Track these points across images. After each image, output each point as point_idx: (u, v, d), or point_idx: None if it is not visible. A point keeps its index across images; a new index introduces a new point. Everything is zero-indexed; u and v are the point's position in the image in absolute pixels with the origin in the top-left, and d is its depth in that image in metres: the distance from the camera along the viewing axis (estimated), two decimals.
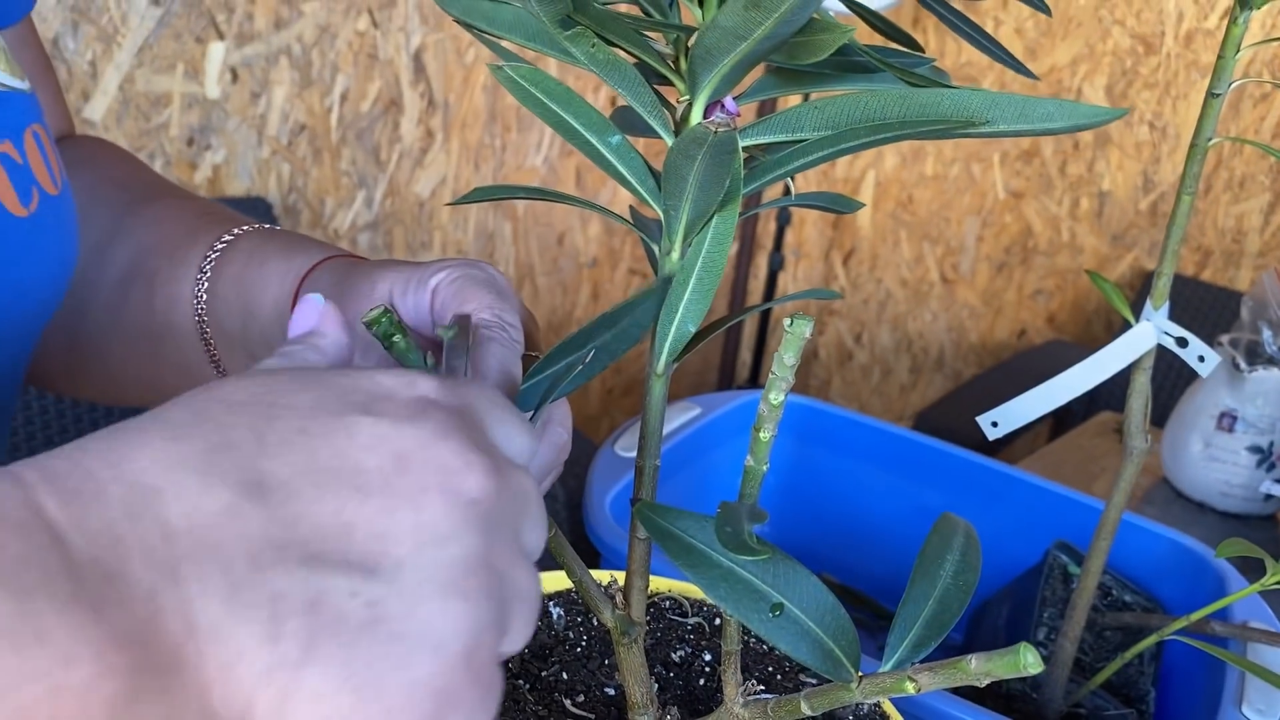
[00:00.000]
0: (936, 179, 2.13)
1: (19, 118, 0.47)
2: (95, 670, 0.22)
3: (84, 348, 0.56)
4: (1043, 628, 0.76)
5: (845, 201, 0.46)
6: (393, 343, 0.36)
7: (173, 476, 0.25)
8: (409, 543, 0.26)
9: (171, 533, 0.24)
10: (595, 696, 0.47)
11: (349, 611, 0.25)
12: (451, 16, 0.40)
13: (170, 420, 0.26)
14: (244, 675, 0.24)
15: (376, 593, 0.25)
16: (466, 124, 1.74)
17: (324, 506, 0.26)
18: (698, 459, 0.85)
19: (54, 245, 0.48)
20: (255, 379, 0.28)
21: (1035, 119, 0.36)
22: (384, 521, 0.26)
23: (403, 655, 0.25)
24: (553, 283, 1.98)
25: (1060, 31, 1.96)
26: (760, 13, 0.32)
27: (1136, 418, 0.57)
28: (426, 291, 0.43)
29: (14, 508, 0.23)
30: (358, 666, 0.25)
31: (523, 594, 0.28)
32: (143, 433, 0.26)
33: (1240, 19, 0.47)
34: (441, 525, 0.27)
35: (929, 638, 0.33)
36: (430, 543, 0.26)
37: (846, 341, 2.32)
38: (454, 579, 0.26)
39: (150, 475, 0.25)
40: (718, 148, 0.34)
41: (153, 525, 0.24)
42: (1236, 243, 1.94)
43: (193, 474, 0.25)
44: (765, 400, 0.34)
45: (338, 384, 0.28)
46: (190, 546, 0.24)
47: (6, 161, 0.46)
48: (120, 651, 0.23)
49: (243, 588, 0.24)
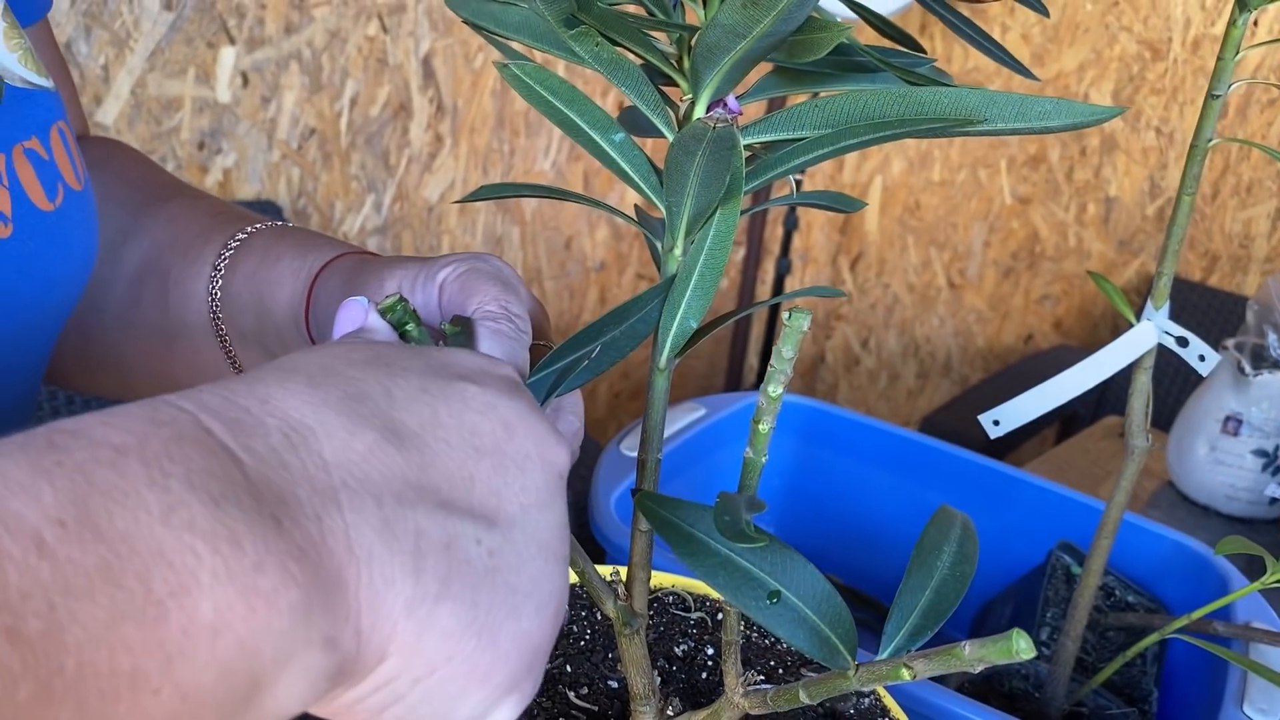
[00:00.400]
0: (943, 184, 2.13)
1: (45, 115, 0.48)
2: (280, 578, 0.23)
3: (98, 344, 0.57)
4: (1045, 627, 0.76)
5: (848, 200, 0.46)
6: (406, 331, 0.37)
7: (321, 416, 0.27)
8: (518, 502, 0.29)
9: (328, 464, 0.26)
10: (598, 689, 0.47)
11: (475, 557, 0.27)
12: (460, 18, 0.41)
13: (302, 370, 0.28)
14: (392, 603, 0.26)
15: (495, 542, 0.28)
16: (475, 129, 1.75)
17: (450, 458, 0.28)
18: (702, 459, 0.85)
19: (78, 239, 0.49)
20: (361, 344, 0.30)
21: (1033, 117, 0.37)
22: (498, 480, 0.29)
23: (515, 606, 0.28)
24: (560, 286, 1.99)
25: (1067, 37, 1.96)
26: (759, 10, 0.33)
27: (1138, 417, 0.58)
28: (435, 286, 0.43)
29: (189, 427, 0.24)
30: (480, 611, 0.27)
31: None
32: (284, 378, 0.28)
33: (1239, 21, 0.48)
34: (542, 491, 0.30)
35: (925, 627, 0.34)
36: (534, 505, 0.29)
37: (854, 346, 2.32)
38: (552, 542, 0.29)
39: (301, 413, 0.26)
40: (717, 143, 0.34)
41: (312, 455, 0.26)
42: (1244, 248, 1.94)
43: (339, 415, 0.27)
44: (764, 393, 0.35)
45: (435, 357, 0.30)
46: (346, 478, 0.26)
47: (34, 157, 0.47)
48: (299, 563, 0.24)
49: (393, 521, 0.26)
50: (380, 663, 0.26)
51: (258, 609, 0.23)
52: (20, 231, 0.45)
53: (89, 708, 0.20)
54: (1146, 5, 1.90)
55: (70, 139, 0.50)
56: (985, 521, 0.87)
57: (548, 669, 0.48)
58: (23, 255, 0.46)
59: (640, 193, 0.39)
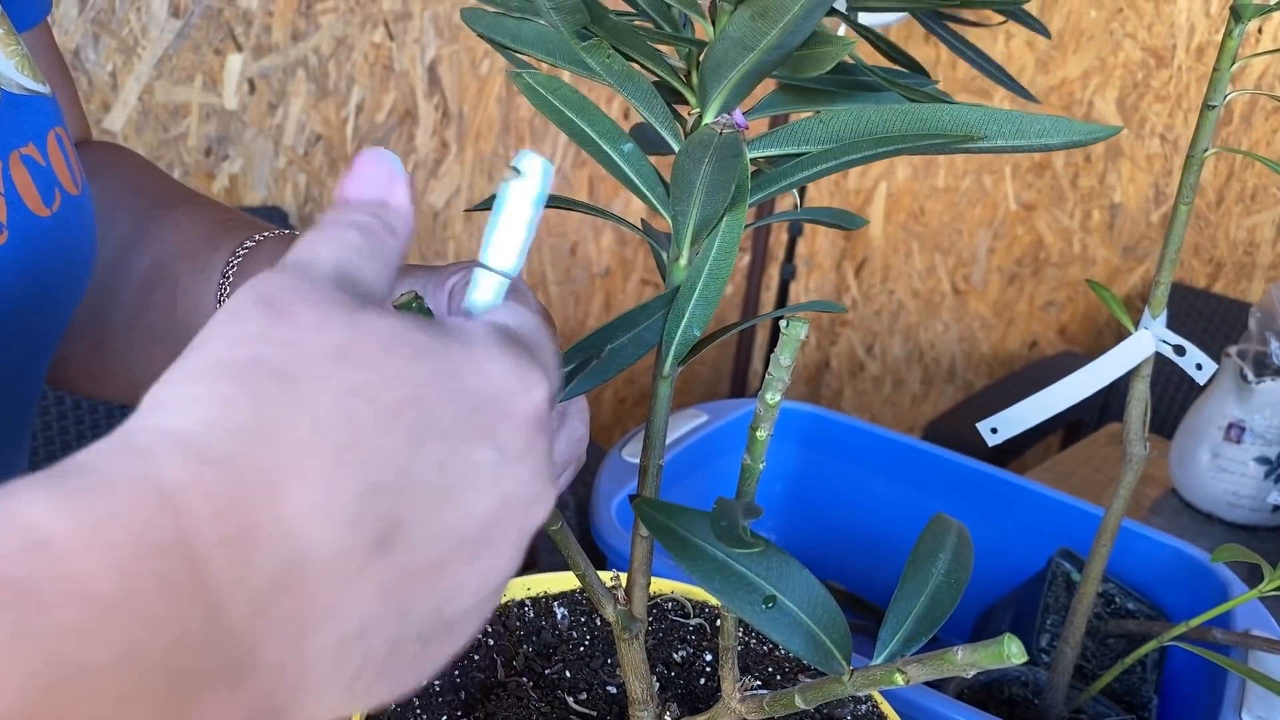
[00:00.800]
0: (948, 191, 2.14)
1: (42, 120, 0.49)
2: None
3: (105, 351, 0.57)
4: (1045, 634, 0.76)
5: (850, 218, 0.47)
6: None
7: (321, 535, 0.25)
8: (473, 590, 0.28)
9: (308, 600, 0.25)
10: (598, 694, 0.48)
11: (408, 653, 0.27)
12: (476, 33, 0.42)
13: (323, 433, 0.25)
14: (315, 712, 0.26)
15: (435, 633, 0.28)
16: (480, 135, 1.76)
17: (429, 559, 0.27)
18: (705, 465, 0.86)
19: (76, 244, 0.49)
20: (403, 368, 0.27)
21: (1031, 135, 0.37)
22: (465, 570, 0.28)
23: (422, 668, 0.28)
24: (565, 292, 1.99)
25: (1072, 45, 1.97)
26: (766, 23, 0.33)
27: (1135, 425, 0.58)
28: (444, 293, 0.44)
29: (178, 561, 0.23)
30: (392, 691, 0.28)
31: None
32: (302, 456, 0.25)
33: (1235, 32, 0.48)
34: (505, 570, 0.29)
35: (920, 633, 0.34)
36: (490, 591, 0.29)
37: (858, 352, 2.33)
38: (483, 614, 0.29)
39: (305, 528, 0.24)
40: (723, 149, 0.35)
41: (296, 594, 0.24)
42: (1248, 255, 1.94)
43: (339, 529, 0.25)
44: (762, 400, 0.35)
45: (471, 391, 0.28)
46: (317, 615, 0.25)
47: (30, 163, 0.47)
48: (241, 715, 0.23)
49: (348, 653, 0.26)
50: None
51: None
52: (16, 238, 0.45)
53: None
54: (1151, 12, 1.90)
55: (68, 144, 0.50)
56: (986, 528, 0.88)
57: (548, 674, 0.49)
58: (20, 262, 0.46)
59: (647, 203, 0.40)
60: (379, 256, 0.30)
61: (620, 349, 0.38)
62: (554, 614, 0.52)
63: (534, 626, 0.51)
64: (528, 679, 0.48)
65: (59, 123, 0.50)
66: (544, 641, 0.51)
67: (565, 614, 0.52)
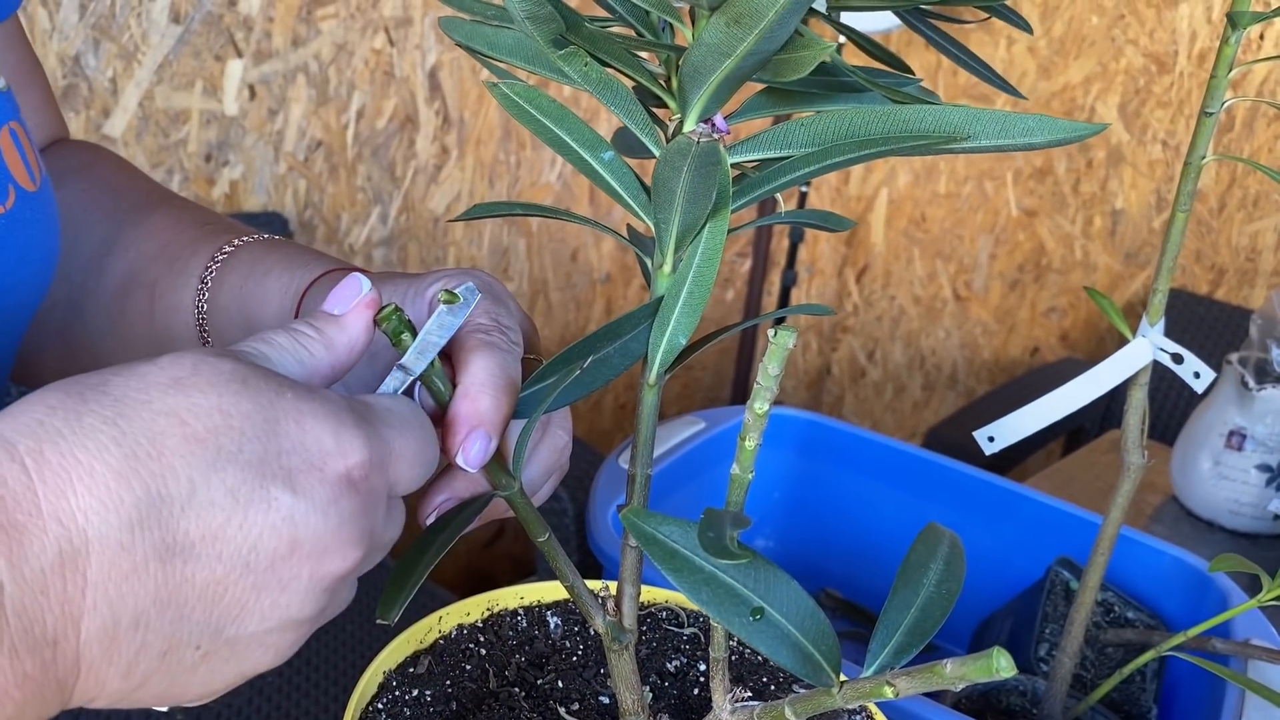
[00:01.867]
0: (949, 197, 2.13)
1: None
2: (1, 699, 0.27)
3: (81, 353, 0.57)
4: (1044, 643, 0.76)
5: (838, 220, 0.46)
6: (400, 340, 0.37)
7: (105, 529, 0.29)
8: (258, 618, 0.31)
9: (87, 585, 0.28)
10: (589, 704, 0.48)
11: (186, 658, 0.31)
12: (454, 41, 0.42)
13: (131, 435, 0.29)
14: (98, 690, 0.30)
15: (214, 646, 0.31)
16: (481, 141, 1.76)
17: (212, 572, 0.30)
18: (702, 473, 0.85)
19: (33, 242, 0.49)
20: (224, 401, 0.31)
21: (1016, 134, 0.37)
22: (250, 597, 0.31)
23: (210, 684, 0.32)
24: (566, 298, 1.99)
25: (1073, 50, 1.96)
26: (742, 29, 0.33)
27: (1133, 433, 0.58)
28: (424, 300, 0.44)
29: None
30: (173, 691, 0.31)
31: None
32: (103, 448, 0.29)
33: (1232, 39, 0.48)
34: (293, 610, 0.31)
35: (910, 644, 0.34)
36: (276, 624, 0.32)
37: (859, 358, 2.32)
38: (277, 648, 0.32)
39: (87, 521, 0.28)
40: (701, 158, 0.34)
41: (75, 578, 0.28)
42: (1250, 261, 1.93)
43: (124, 530, 0.29)
44: (750, 409, 0.35)
45: (286, 436, 0.31)
46: (98, 600, 0.29)
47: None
48: (21, 689, 0.28)
49: (122, 640, 0.29)
50: None
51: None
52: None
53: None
54: (1153, 19, 1.90)
55: (25, 139, 0.50)
56: (985, 536, 0.87)
57: (540, 684, 0.48)
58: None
59: (629, 210, 0.40)
60: (297, 357, 0.35)
61: (606, 359, 0.38)
62: (547, 624, 0.52)
63: (527, 636, 0.51)
64: (520, 689, 0.48)
65: (14, 117, 0.49)
66: (537, 651, 0.50)
67: (558, 624, 0.52)
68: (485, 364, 0.39)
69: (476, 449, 0.38)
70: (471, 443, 0.38)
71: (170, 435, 0.30)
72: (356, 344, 0.37)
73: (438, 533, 0.37)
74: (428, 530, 0.38)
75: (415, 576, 0.35)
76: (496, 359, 0.39)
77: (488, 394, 0.38)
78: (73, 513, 0.28)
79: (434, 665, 0.48)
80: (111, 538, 0.29)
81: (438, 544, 0.36)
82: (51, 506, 0.28)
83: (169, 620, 0.30)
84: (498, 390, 0.39)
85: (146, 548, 0.29)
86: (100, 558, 0.28)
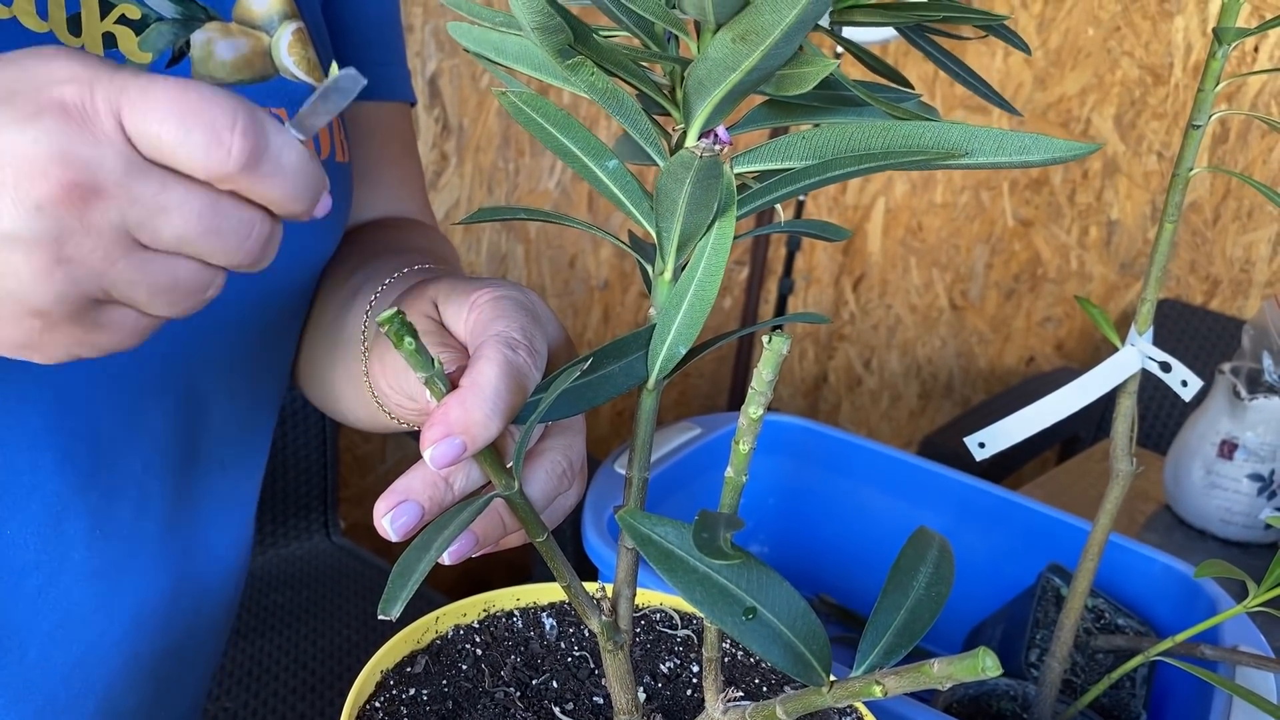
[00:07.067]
0: (946, 206, 2.14)
1: (299, 97, 0.56)
2: None
3: (306, 357, 0.64)
4: (1035, 649, 0.76)
5: (835, 229, 0.47)
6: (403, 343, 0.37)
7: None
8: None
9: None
10: (584, 704, 0.48)
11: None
12: (463, 46, 0.42)
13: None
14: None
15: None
16: (480, 148, 1.77)
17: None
18: (697, 478, 0.86)
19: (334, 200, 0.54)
20: (26, 53, 0.34)
21: (1012, 151, 0.38)
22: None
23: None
24: (564, 305, 2.00)
25: (1069, 62, 1.98)
26: (747, 46, 0.34)
27: (1122, 440, 0.59)
28: (467, 304, 0.44)
29: None
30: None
31: (119, 285, 0.34)
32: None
33: (1218, 54, 0.49)
34: (3, 222, 0.32)
35: (899, 646, 0.35)
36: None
37: (856, 367, 2.33)
38: (13, 272, 0.33)
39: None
40: (703, 171, 0.35)
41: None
42: (1244, 272, 1.95)
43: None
44: (744, 414, 0.36)
45: (28, 69, 0.33)
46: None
47: (275, 120, 0.52)
48: None
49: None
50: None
51: None
52: None
53: None
54: (1148, 31, 1.91)
55: (334, 125, 0.58)
56: (977, 543, 0.88)
57: (535, 684, 0.49)
58: None
59: (632, 217, 0.41)
60: None
61: (610, 376, 0.39)
62: (542, 625, 0.53)
63: (522, 637, 0.52)
64: (515, 689, 0.49)
65: None
66: (532, 652, 0.51)
67: (553, 625, 0.53)
68: (496, 377, 0.39)
69: (446, 454, 0.37)
70: (446, 447, 0.37)
71: None
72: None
73: (438, 531, 0.38)
74: (428, 529, 0.39)
75: (416, 574, 0.36)
76: (511, 376, 0.39)
77: (486, 408, 0.37)
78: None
79: (430, 665, 0.49)
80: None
81: (439, 542, 0.37)
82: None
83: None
84: (498, 408, 0.38)
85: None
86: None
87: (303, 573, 1.50)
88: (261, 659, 1.31)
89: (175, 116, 0.33)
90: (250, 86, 0.54)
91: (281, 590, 1.45)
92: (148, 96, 0.33)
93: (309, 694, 1.27)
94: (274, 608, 1.41)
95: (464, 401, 0.38)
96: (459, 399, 0.38)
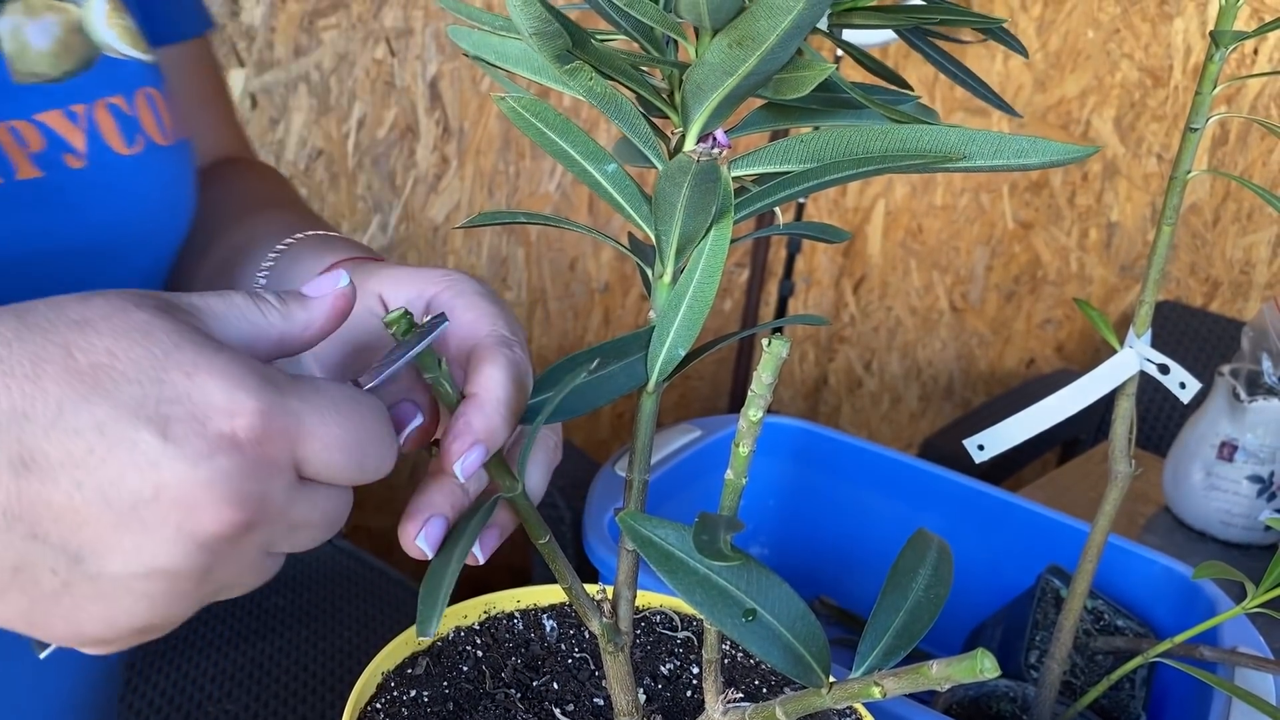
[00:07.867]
0: (946, 209, 2.15)
1: (132, 79, 0.52)
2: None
3: None
4: (1034, 650, 0.77)
5: (835, 231, 0.48)
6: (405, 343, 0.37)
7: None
8: (121, 560, 0.31)
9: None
10: (584, 706, 0.48)
11: (44, 580, 0.31)
12: (462, 50, 0.43)
13: (9, 360, 0.31)
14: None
15: (74, 576, 0.31)
16: (481, 150, 1.77)
17: (70, 498, 0.30)
18: (697, 480, 0.86)
19: (158, 188, 0.52)
20: (116, 345, 0.31)
21: (1010, 155, 0.38)
22: (111, 534, 0.31)
23: (77, 621, 0.32)
24: (564, 307, 2.00)
25: (1069, 64, 1.98)
26: (744, 50, 0.34)
27: (1120, 442, 0.59)
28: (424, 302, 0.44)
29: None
30: (36, 615, 0.32)
31: (234, 588, 0.34)
32: (15, 356, 0.31)
33: (1215, 57, 0.49)
34: (160, 559, 0.31)
35: (898, 647, 0.35)
36: (141, 570, 0.31)
37: (856, 369, 2.33)
38: (151, 598, 0.32)
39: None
40: (701, 175, 0.36)
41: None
42: (1244, 274, 1.95)
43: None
44: (744, 417, 0.36)
45: (172, 386, 0.31)
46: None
47: (115, 111, 0.51)
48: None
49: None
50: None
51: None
52: (94, 166, 0.50)
53: None
54: (1148, 33, 1.92)
55: (161, 104, 0.54)
56: (977, 545, 0.88)
57: (535, 685, 0.49)
58: (94, 187, 0.50)
59: (631, 221, 0.41)
60: (249, 318, 0.35)
61: (610, 377, 0.39)
62: (543, 626, 0.53)
63: (523, 639, 0.52)
64: (516, 690, 0.49)
65: (153, 84, 0.54)
66: (532, 653, 0.51)
67: (554, 627, 0.53)
68: (504, 380, 0.39)
69: (475, 462, 0.37)
70: (472, 454, 0.37)
71: (53, 363, 0.30)
72: (314, 324, 0.37)
73: (456, 541, 0.38)
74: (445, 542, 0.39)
75: (442, 591, 0.36)
76: (515, 376, 0.39)
77: (502, 413, 0.38)
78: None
79: (431, 667, 0.49)
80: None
81: (458, 552, 0.37)
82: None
83: (19, 535, 0.30)
84: (511, 412, 0.38)
85: (2, 458, 0.30)
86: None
87: (303, 575, 1.50)
88: (262, 661, 1.31)
89: (352, 444, 0.34)
90: (81, 77, 0.50)
91: (282, 593, 1.45)
92: (326, 426, 0.33)
93: (310, 696, 1.27)
94: (274, 610, 1.41)
95: (483, 409, 0.38)
96: (478, 407, 0.38)
